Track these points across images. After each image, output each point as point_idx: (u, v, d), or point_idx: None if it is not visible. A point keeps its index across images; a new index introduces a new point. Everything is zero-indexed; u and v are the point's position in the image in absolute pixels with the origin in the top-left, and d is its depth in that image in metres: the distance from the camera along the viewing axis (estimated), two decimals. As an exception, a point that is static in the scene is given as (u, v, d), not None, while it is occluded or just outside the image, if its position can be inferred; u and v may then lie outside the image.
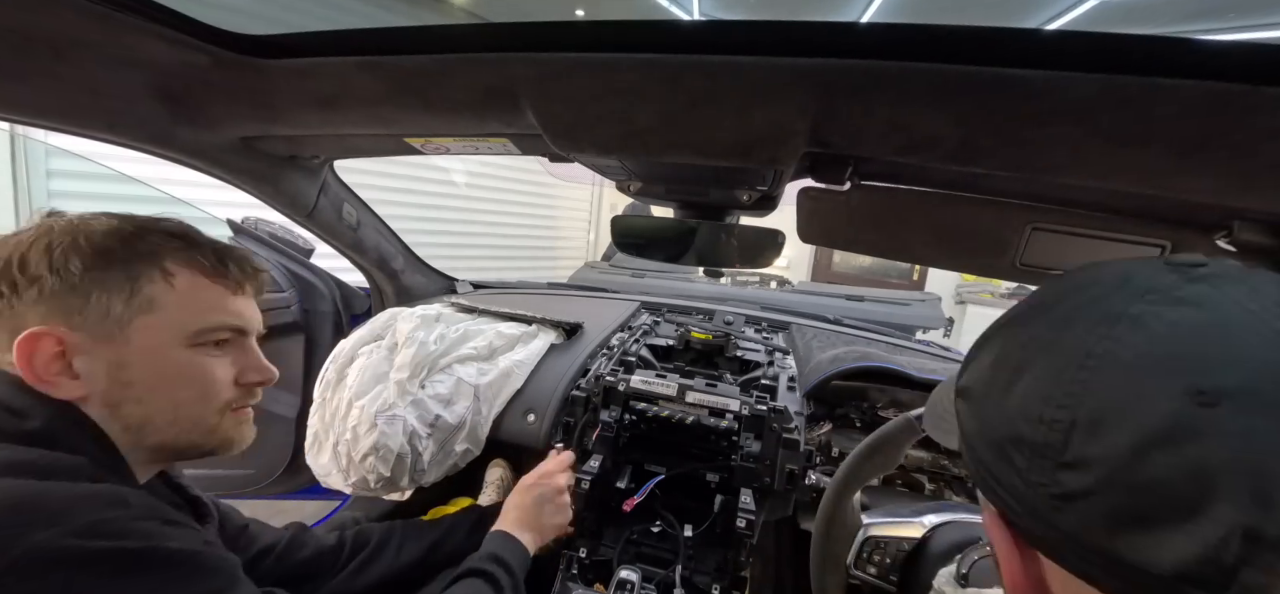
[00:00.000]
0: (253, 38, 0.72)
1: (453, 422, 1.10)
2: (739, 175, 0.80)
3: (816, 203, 0.80)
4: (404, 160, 3.92)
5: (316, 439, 1.12)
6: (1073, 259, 0.72)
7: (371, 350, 1.17)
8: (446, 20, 0.69)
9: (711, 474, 1.05)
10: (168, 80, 0.74)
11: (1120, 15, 3.62)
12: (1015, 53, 0.50)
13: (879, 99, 0.55)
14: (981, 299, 4.82)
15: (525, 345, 1.27)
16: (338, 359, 1.17)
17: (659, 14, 4.21)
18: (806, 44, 0.54)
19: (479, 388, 1.15)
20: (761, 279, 3.03)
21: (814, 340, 1.36)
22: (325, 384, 1.15)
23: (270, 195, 1.06)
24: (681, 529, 1.03)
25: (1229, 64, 0.45)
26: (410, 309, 1.32)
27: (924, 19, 0.51)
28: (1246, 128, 0.47)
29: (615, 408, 1.10)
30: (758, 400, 1.07)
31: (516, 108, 0.67)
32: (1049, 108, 0.51)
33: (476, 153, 0.90)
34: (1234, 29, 3.52)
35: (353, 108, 0.77)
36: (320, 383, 1.16)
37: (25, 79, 0.66)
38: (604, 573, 1.03)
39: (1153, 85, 0.47)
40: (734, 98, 0.59)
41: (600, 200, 6.66)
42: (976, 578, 0.65)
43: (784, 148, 0.62)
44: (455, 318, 1.32)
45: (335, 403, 1.11)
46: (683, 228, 0.94)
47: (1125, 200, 0.68)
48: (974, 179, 0.72)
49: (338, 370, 1.15)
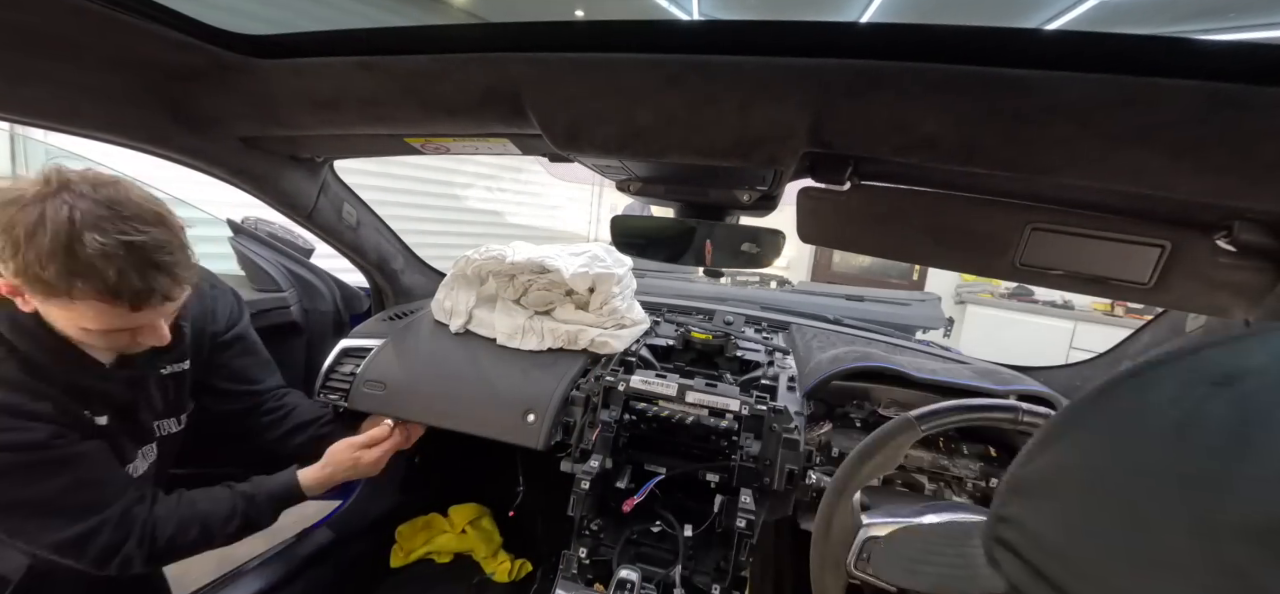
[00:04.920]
0: (252, 38, 0.72)
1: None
2: (739, 175, 0.80)
3: (816, 203, 0.80)
4: (404, 160, 3.92)
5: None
6: (1072, 259, 0.72)
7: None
8: (446, 20, 0.69)
9: (711, 474, 1.05)
10: (167, 80, 0.74)
11: (1120, 15, 3.61)
12: (1015, 53, 0.50)
13: (879, 99, 0.55)
14: (981, 299, 4.82)
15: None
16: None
17: (659, 14, 4.20)
18: (806, 44, 0.54)
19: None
20: (761, 279, 3.03)
21: (814, 340, 1.35)
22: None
23: (270, 195, 1.06)
24: (681, 529, 1.03)
25: (1229, 64, 0.45)
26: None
27: (924, 19, 0.52)
28: (1246, 128, 0.47)
29: (615, 408, 1.10)
30: (758, 400, 1.07)
31: (516, 108, 0.67)
32: (1049, 108, 0.51)
33: (476, 153, 0.90)
34: (1234, 29, 3.52)
35: (352, 108, 0.77)
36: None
37: (25, 79, 0.66)
38: (604, 573, 1.03)
39: (1153, 85, 0.47)
40: (734, 98, 0.59)
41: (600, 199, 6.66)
42: (976, 579, 0.65)
43: (784, 148, 0.62)
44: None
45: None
46: (683, 228, 0.94)
47: (1125, 200, 0.68)
48: (974, 179, 0.72)
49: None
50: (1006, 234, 0.74)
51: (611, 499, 1.06)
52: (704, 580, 0.99)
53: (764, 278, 3.07)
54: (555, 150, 0.72)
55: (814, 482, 0.99)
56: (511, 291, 1.28)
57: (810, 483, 1.00)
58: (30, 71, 0.65)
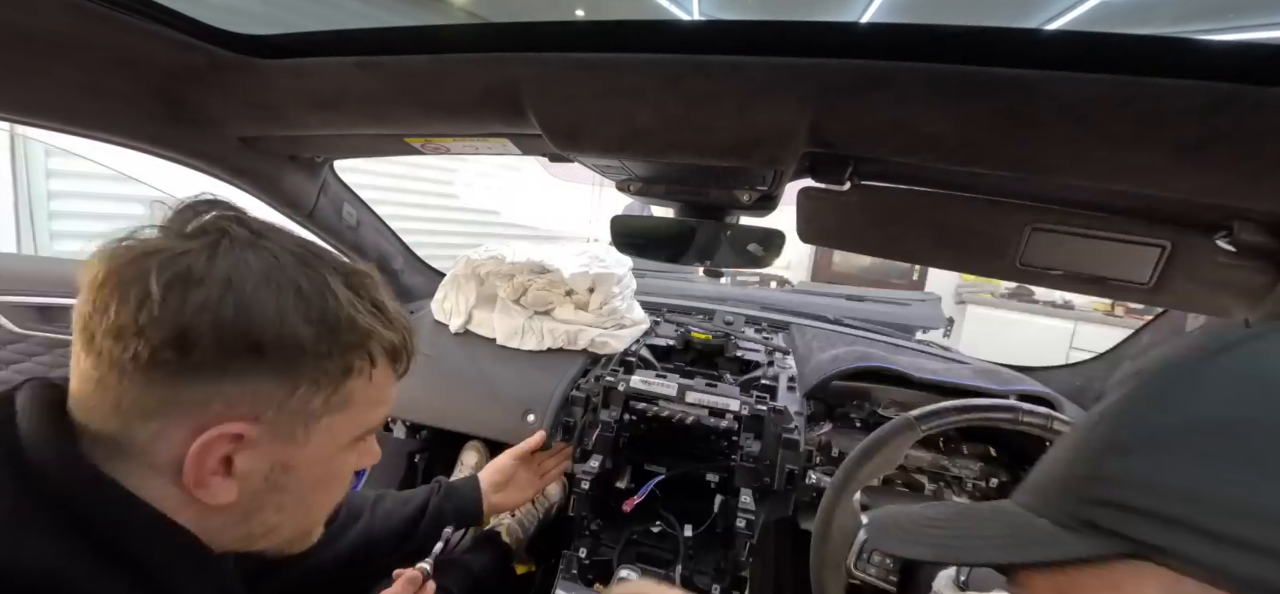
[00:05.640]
0: (252, 38, 0.72)
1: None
2: (739, 175, 0.80)
3: (816, 203, 0.80)
4: (404, 160, 3.92)
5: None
6: (1072, 259, 0.72)
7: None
8: (446, 20, 0.70)
9: (711, 474, 1.05)
10: (167, 80, 0.74)
11: (1120, 15, 3.62)
12: (1015, 53, 0.50)
13: (879, 99, 0.55)
14: (981, 299, 4.82)
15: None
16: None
17: (659, 14, 4.21)
18: (806, 44, 0.54)
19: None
20: (761, 279, 3.03)
21: (814, 340, 1.35)
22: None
23: (270, 195, 1.06)
24: (681, 529, 1.03)
25: (1229, 64, 0.45)
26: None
27: (924, 19, 0.51)
28: (1246, 128, 0.47)
29: (615, 408, 1.10)
30: (758, 400, 1.07)
31: (516, 108, 0.67)
32: (1049, 108, 0.51)
33: (476, 153, 0.90)
34: (1234, 29, 3.52)
35: (352, 108, 0.77)
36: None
37: (25, 79, 0.66)
38: (604, 573, 1.03)
39: (1153, 85, 0.47)
40: (734, 98, 0.59)
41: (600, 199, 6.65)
42: (976, 582, 0.65)
43: (784, 148, 0.62)
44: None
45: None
46: (683, 228, 0.94)
47: (1125, 200, 0.68)
48: (974, 179, 0.72)
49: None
50: (1006, 234, 0.74)
51: (612, 499, 1.06)
52: (704, 580, 0.99)
53: (764, 278, 3.07)
54: (555, 150, 0.72)
55: (814, 482, 0.99)
56: (511, 291, 1.28)
57: (810, 483, 1.00)
58: (30, 71, 0.65)
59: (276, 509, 0.45)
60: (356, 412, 0.46)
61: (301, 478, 0.45)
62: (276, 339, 0.39)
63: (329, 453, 0.46)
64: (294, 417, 0.42)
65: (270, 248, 0.41)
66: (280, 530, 0.47)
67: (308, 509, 0.49)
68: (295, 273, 0.41)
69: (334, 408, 0.44)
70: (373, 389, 0.47)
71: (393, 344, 0.48)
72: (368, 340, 0.45)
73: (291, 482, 0.44)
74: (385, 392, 0.50)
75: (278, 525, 0.47)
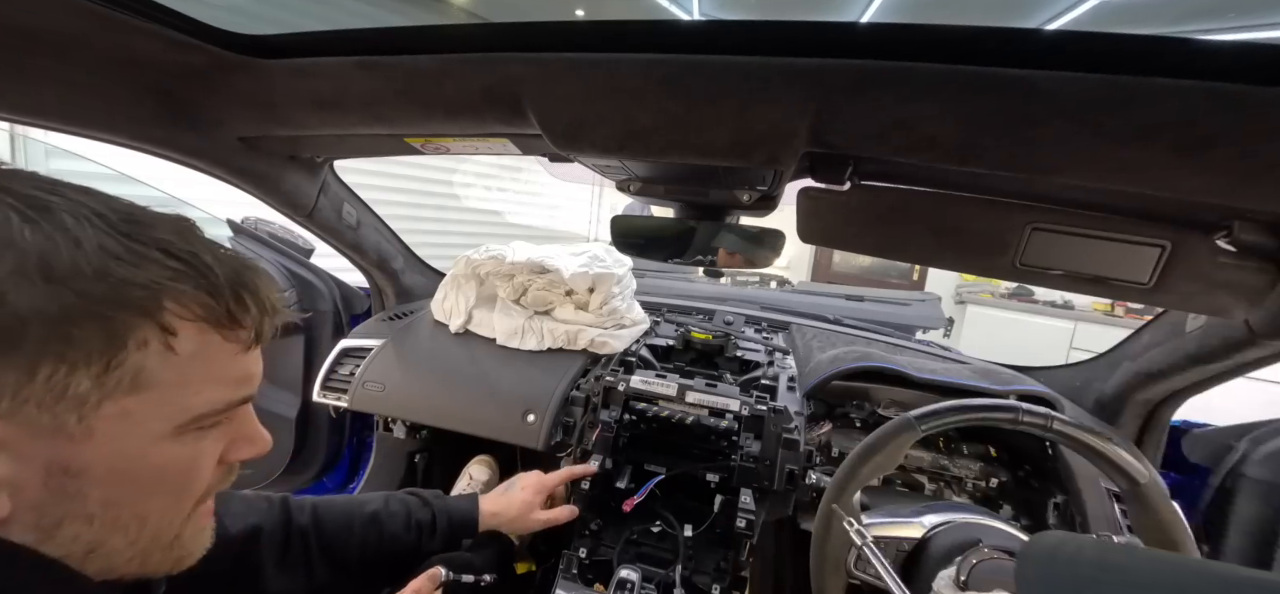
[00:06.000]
0: (252, 38, 0.72)
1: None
2: (739, 175, 0.80)
3: (816, 203, 0.80)
4: (404, 160, 3.92)
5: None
6: (1072, 259, 0.72)
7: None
8: (446, 20, 0.69)
9: (711, 474, 1.05)
10: (167, 80, 0.74)
11: (1120, 15, 3.62)
12: (1015, 53, 0.50)
13: (879, 99, 0.55)
14: (981, 299, 4.82)
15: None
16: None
17: (659, 14, 4.21)
18: (806, 44, 0.54)
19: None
20: (761, 279, 3.03)
21: (814, 340, 1.35)
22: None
23: (270, 195, 1.06)
24: (681, 529, 1.03)
25: (1229, 64, 0.45)
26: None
27: (924, 19, 0.51)
28: (1246, 128, 0.47)
29: (615, 408, 1.10)
30: (758, 400, 1.07)
31: (516, 108, 0.67)
32: (1049, 108, 0.51)
33: (476, 153, 0.90)
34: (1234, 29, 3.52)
35: (352, 108, 0.77)
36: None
37: (25, 79, 0.66)
38: (604, 573, 1.03)
39: (1153, 85, 0.47)
40: (734, 98, 0.59)
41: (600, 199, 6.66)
42: (976, 582, 0.65)
43: (784, 148, 0.62)
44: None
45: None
46: (683, 227, 0.94)
47: (1125, 200, 0.68)
48: (974, 179, 0.72)
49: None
50: (1006, 234, 0.74)
51: (612, 499, 1.06)
52: (704, 580, 0.99)
53: (764, 278, 3.07)
54: (555, 150, 0.72)
55: (814, 482, 0.99)
56: (511, 291, 1.28)
57: (810, 483, 1.00)
58: (30, 71, 0.65)
59: (85, 521, 0.37)
60: (165, 391, 0.37)
61: (101, 479, 0.36)
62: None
63: (138, 446, 0.37)
64: (54, 405, 0.34)
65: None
66: (110, 545, 0.39)
67: (140, 518, 0.39)
68: (20, 224, 0.33)
69: (119, 389, 0.35)
70: (184, 362, 0.38)
71: (206, 302, 0.38)
72: (150, 299, 0.36)
73: (88, 486, 0.36)
74: (215, 365, 0.40)
75: (104, 540, 0.38)
